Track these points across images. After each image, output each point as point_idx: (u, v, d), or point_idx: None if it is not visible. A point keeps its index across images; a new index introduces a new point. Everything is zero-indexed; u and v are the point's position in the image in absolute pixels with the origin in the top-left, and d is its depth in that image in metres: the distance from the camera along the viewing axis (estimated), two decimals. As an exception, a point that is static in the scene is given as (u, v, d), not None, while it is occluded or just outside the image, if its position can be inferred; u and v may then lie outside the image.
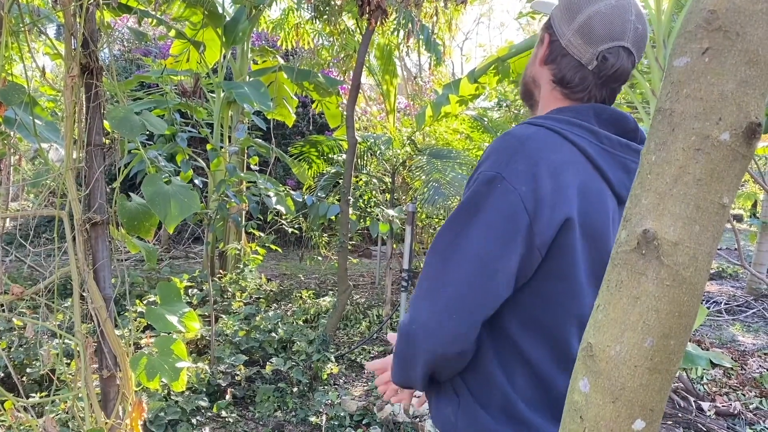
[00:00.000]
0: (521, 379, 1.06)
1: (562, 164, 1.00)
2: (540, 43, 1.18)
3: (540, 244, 0.98)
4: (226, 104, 6.13)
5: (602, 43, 1.08)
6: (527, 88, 1.24)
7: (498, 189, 0.97)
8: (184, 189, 2.15)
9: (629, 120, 1.12)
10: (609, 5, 1.08)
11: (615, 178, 1.07)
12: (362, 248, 9.88)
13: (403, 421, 3.36)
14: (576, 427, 0.68)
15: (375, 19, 4.04)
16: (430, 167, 6.18)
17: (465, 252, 0.98)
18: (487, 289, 0.97)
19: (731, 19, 0.58)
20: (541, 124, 1.05)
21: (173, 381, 1.97)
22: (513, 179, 0.97)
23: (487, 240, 0.97)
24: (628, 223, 0.64)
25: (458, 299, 0.97)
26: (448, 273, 0.99)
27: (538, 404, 1.06)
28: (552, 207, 0.97)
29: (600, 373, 0.65)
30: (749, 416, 3.77)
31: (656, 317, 0.62)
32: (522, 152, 0.99)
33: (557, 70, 1.13)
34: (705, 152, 0.59)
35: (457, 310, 0.97)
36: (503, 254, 0.97)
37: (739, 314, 6.49)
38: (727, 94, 0.59)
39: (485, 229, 0.97)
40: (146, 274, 6.40)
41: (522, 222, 0.96)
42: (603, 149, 1.07)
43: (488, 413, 1.07)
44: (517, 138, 1.01)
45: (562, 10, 1.12)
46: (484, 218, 0.98)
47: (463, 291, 0.97)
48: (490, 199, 0.98)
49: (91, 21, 2.01)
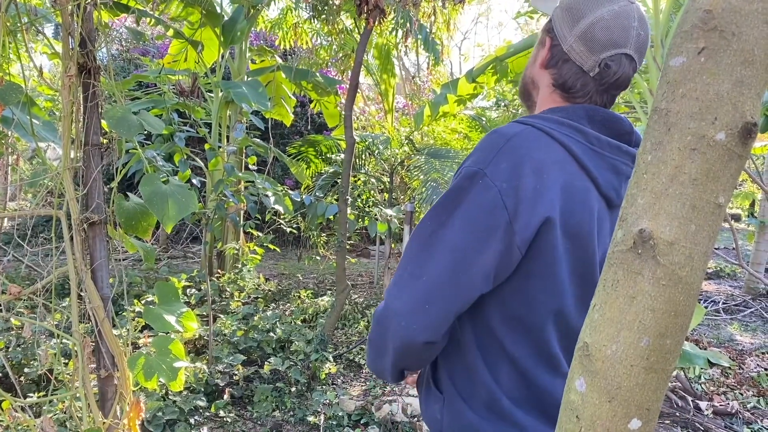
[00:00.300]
0: (505, 376, 1.07)
1: (547, 163, 1.00)
2: (541, 46, 1.17)
3: (520, 242, 0.98)
4: (224, 104, 6.13)
5: (604, 51, 1.07)
6: (526, 89, 1.24)
7: (479, 185, 0.98)
8: (182, 189, 2.14)
9: (624, 122, 1.12)
10: (612, 11, 1.07)
11: (602, 179, 1.06)
12: (360, 248, 9.88)
13: (401, 420, 3.36)
14: (572, 426, 0.68)
15: (373, 19, 4.04)
16: (429, 167, 6.19)
17: (442, 244, 0.99)
18: (461, 282, 0.98)
19: (727, 19, 0.58)
20: (530, 123, 1.05)
21: (171, 381, 1.97)
22: (494, 176, 0.98)
23: (465, 233, 0.98)
24: (624, 222, 0.64)
25: (432, 290, 0.98)
26: (425, 263, 1.00)
27: (522, 401, 1.08)
28: (533, 206, 0.97)
29: (596, 372, 0.65)
30: (747, 415, 3.77)
31: (652, 317, 0.62)
32: (506, 150, 1.00)
33: (558, 75, 1.12)
34: (701, 152, 0.59)
35: (429, 301, 0.98)
36: (480, 249, 0.98)
37: (737, 314, 6.50)
38: (723, 94, 0.59)
39: (463, 223, 0.98)
40: (144, 273, 6.40)
41: (501, 218, 0.97)
42: (591, 149, 1.06)
43: (473, 410, 1.08)
44: (503, 136, 1.02)
45: (563, 14, 1.11)
46: (464, 212, 0.99)
47: (437, 282, 0.98)
48: (471, 194, 0.99)
49: (88, 21, 2.01)
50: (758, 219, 7.49)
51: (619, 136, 1.11)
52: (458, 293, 0.99)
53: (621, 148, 1.10)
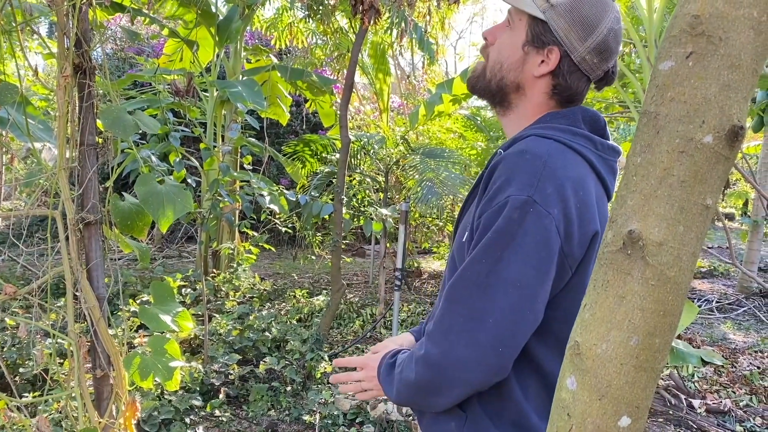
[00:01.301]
0: (534, 392, 1.06)
1: (581, 180, 1.00)
2: (534, 51, 1.11)
3: (571, 262, 0.99)
4: (219, 103, 6.13)
5: (612, 58, 1.09)
6: (503, 91, 1.16)
7: (530, 213, 0.95)
8: (178, 189, 2.15)
9: (600, 118, 1.13)
10: (615, 19, 1.08)
11: (610, 184, 1.09)
12: (356, 247, 9.88)
13: (396, 419, 3.38)
14: (563, 424, 0.69)
15: (368, 19, 4.05)
16: (424, 166, 6.20)
17: (503, 283, 0.95)
18: (527, 318, 0.96)
19: (714, 24, 0.60)
20: (549, 137, 1.04)
21: (167, 380, 1.98)
22: (545, 202, 0.95)
23: (526, 268, 0.95)
24: (614, 223, 0.65)
25: (502, 332, 0.95)
26: (486, 305, 0.96)
27: (548, 413, 1.07)
28: (581, 225, 0.98)
29: (587, 371, 0.66)
30: (739, 413, 3.80)
31: (641, 316, 0.63)
32: (547, 173, 0.97)
33: (564, 85, 1.10)
34: (689, 154, 0.61)
35: (501, 344, 0.95)
36: (542, 280, 0.96)
37: (731, 312, 6.54)
38: (711, 98, 0.60)
39: (522, 257, 0.95)
40: (139, 273, 6.39)
41: (555, 245, 0.96)
42: (599, 156, 1.08)
43: (497, 427, 1.05)
44: (538, 157, 0.99)
45: (571, 27, 1.07)
46: (520, 245, 0.95)
47: (506, 323, 0.95)
48: (525, 224, 0.95)
49: (84, 20, 2.01)
50: (751, 218, 7.53)
51: (602, 131, 1.13)
52: (527, 329, 0.97)
53: (615, 149, 1.12)
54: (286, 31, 7.36)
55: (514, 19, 1.13)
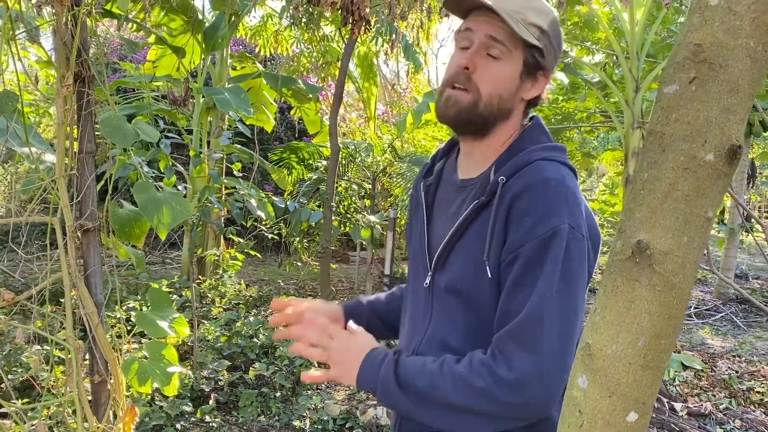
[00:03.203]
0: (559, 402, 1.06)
1: (582, 196, 1.09)
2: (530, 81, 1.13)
3: (591, 272, 1.07)
4: (205, 110, 6.13)
5: None
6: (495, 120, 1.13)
7: (570, 239, 1.00)
8: (176, 195, 2.17)
9: None
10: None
11: None
12: (340, 254, 9.90)
13: (385, 424, 3.41)
14: (575, 420, 0.74)
15: (358, 29, 4.11)
16: (411, 174, 6.26)
17: (571, 314, 1.00)
18: (577, 341, 0.95)
19: (715, 52, 0.65)
20: (552, 159, 1.10)
21: (165, 386, 2.00)
22: (579, 227, 1.02)
23: (580, 292, 1.02)
24: (623, 234, 0.71)
25: (569, 360, 0.97)
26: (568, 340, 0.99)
27: None
28: (594, 239, 1.07)
29: (597, 370, 0.71)
30: (719, 416, 3.90)
31: (648, 319, 0.69)
32: (570, 197, 1.03)
33: (541, 99, 1.18)
34: (692, 171, 0.66)
35: (566, 370, 0.96)
36: (583, 299, 1.04)
37: (708, 318, 6.68)
38: (712, 119, 0.65)
39: (575, 283, 1.01)
40: (123, 279, 6.35)
41: (588, 264, 1.05)
42: None
43: None
44: (561, 183, 1.04)
45: (556, 47, 1.14)
46: (571, 272, 1.00)
47: (571, 349, 0.98)
48: (569, 251, 1.00)
49: (83, 30, 2.03)
50: (728, 226, 7.69)
51: None
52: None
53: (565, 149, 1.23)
54: (271, 39, 7.38)
55: (507, 48, 1.08)
